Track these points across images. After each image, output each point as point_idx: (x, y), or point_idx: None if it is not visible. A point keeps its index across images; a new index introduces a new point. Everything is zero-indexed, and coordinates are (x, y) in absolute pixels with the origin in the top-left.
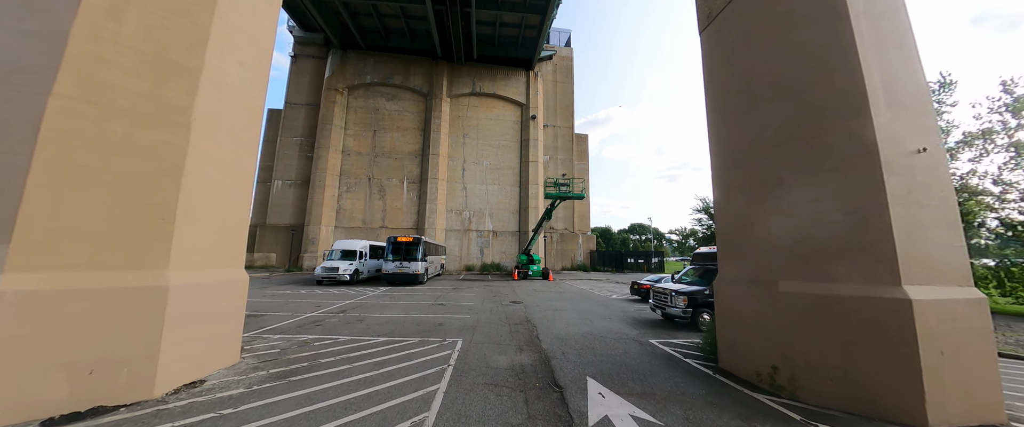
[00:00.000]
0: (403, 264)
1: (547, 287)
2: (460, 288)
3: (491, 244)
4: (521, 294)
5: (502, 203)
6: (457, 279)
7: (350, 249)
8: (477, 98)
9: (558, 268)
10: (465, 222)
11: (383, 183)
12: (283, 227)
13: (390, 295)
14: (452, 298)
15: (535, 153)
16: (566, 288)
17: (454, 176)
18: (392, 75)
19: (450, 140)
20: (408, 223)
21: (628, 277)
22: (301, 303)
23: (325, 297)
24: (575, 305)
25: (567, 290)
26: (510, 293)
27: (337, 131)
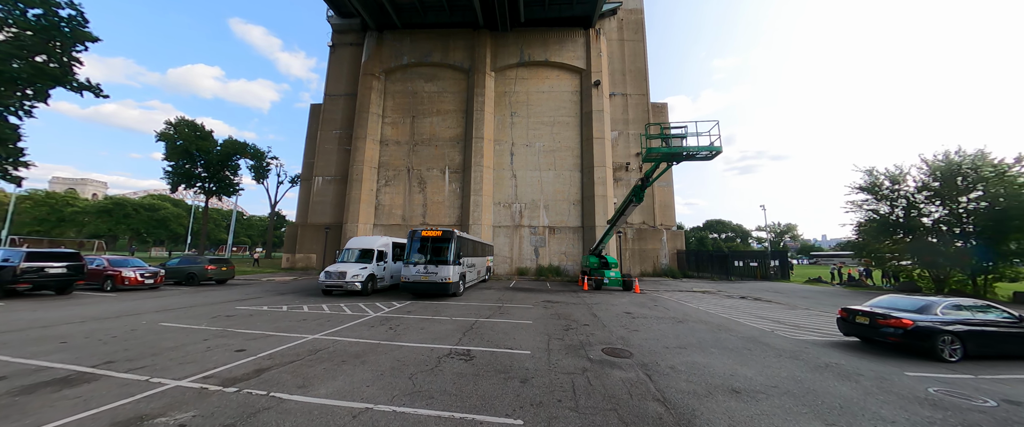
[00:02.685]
0: (429, 269)
1: (642, 307)
2: (509, 306)
3: (547, 242)
4: (613, 326)
5: (559, 192)
6: (506, 287)
7: (368, 248)
8: (526, 69)
9: (637, 273)
10: (515, 217)
11: (423, 174)
12: (324, 226)
13: (396, 322)
14: (491, 334)
15: (600, 128)
16: (674, 308)
17: (501, 162)
18: (430, 53)
19: (496, 121)
20: (451, 218)
21: (741, 287)
22: (223, 340)
23: (293, 321)
24: (753, 366)
25: (682, 314)
26: (591, 322)
27: (374, 119)
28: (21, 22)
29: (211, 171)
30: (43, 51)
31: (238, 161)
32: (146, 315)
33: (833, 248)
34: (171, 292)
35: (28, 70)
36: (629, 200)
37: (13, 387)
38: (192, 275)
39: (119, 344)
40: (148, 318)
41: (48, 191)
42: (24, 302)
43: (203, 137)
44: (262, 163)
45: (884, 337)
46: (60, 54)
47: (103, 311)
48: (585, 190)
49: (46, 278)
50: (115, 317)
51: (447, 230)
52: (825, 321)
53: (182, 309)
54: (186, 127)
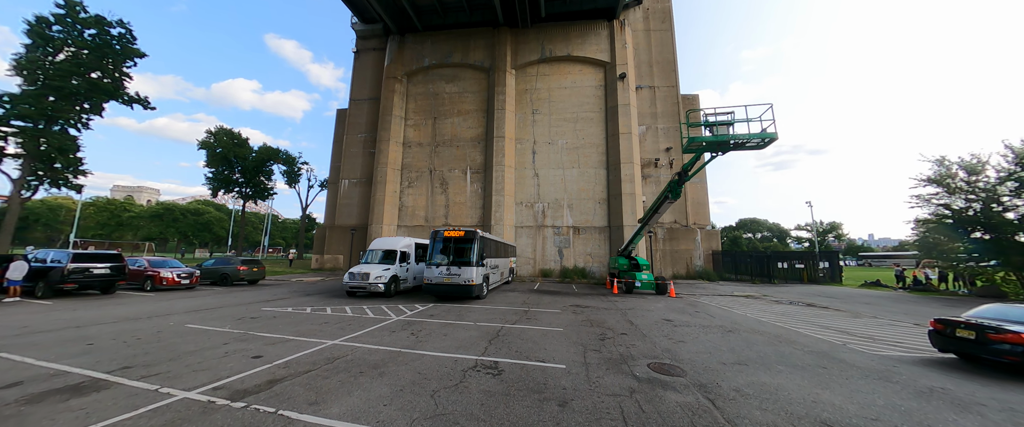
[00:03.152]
0: (452, 270)
1: (682, 313)
2: (535, 310)
3: (572, 243)
4: (655, 336)
5: (584, 191)
6: (530, 290)
7: (390, 249)
8: (547, 65)
9: (669, 275)
10: (538, 216)
11: (445, 175)
12: (350, 228)
13: (418, 327)
14: (519, 343)
15: (626, 123)
16: (719, 315)
17: (523, 161)
18: (450, 54)
19: (517, 119)
20: (473, 219)
21: (787, 291)
22: (243, 344)
23: (315, 325)
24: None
25: (730, 322)
26: (629, 331)
27: (397, 122)
28: (79, 42)
29: (247, 176)
30: (98, 68)
31: (272, 167)
32: (176, 316)
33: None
34: (205, 292)
35: (85, 86)
36: (664, 197)
37: (24, 394)
38: (225, 276)
39: (142, 347)
40: (177, 319)
41: (109, 198)
42: (70, 301)
43: (240, 144)
44: (294, 168)
45: (997, 356)
46: (112, 70)
47: (137, 311)
48: (611, 188)
49: (91, 278)
50: (147, 318)
51: (470, 230)
52: (903, 332)
53: (211, 310)
54: (224, 135)
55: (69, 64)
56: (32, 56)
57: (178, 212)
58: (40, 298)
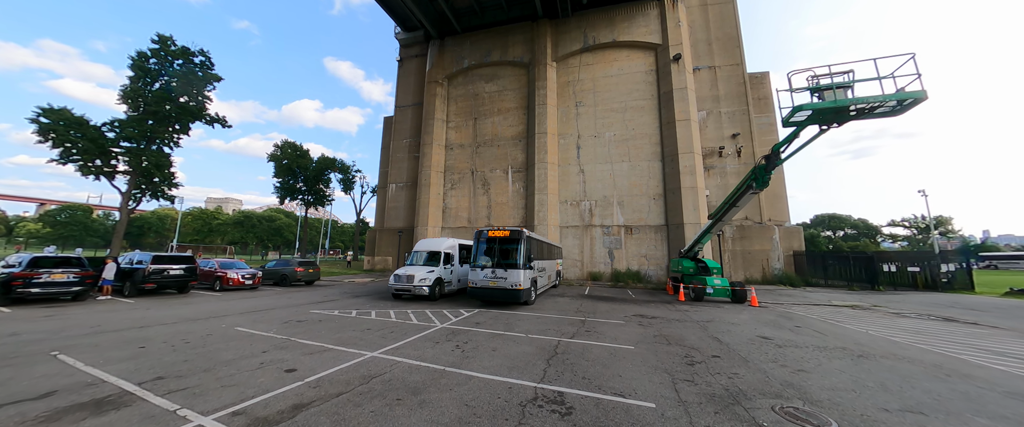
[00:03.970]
0: (497, 273)
1: (779, 328)
2: (594, 320)
3: (623, 244)
4: (759, 361)
5: (636, 186)
6: (580, 295)
7: (434, 250)
8: (591, 53)
9: (740, 279)
10: (584, 215)
11: (486, 175)
12: (397, 230)
13: (463, 337)
14: (584, 364)
15: (684, 108)
16: (832, 333)
17: (567, 157)
18: (489, 52)
19: (559, 113)
20: (515, 219)
21: (901, 299)
22: (281, 353)
23: (357, 332)
24: None
25: (852, 342)
26: (721, 352)
27: (439, 125)
28: (170, 71)
29: (308, 184)
30: (185, 93)
31: (329, 175)
32: (230, 317)
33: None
34: (265, 293)
35: (175, 109)
36: (745, 185)
37: (47, 410)
38: (284, 277)
39: (184, 353)
40: (230, 321)
41: (202, 208)
42: (149, 300)
43: (302, 155)
44: (348, 175)
45: None
46: (196, 94)
47: (199, 311)
48: (668, 182)
49: (167, 279)
50: (204, 319)
51: (515, 230)
52: None
53: (263, 311)
54: (289, 148)
55: (163, 91)
56: (135, 86)
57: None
58: (126, 296)
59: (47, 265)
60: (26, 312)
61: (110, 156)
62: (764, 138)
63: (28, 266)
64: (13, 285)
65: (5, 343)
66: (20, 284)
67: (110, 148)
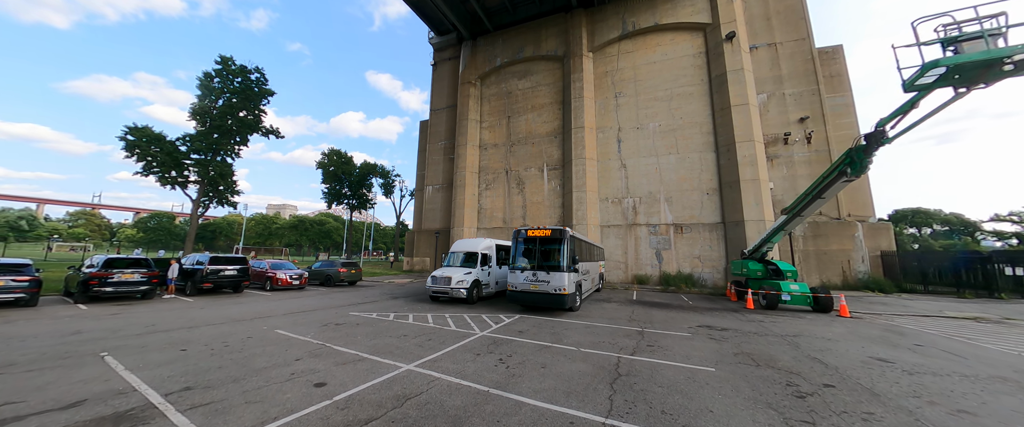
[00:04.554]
0: (539, 276)
1: (894, 347)
2: (653, 332)
3: (673, 244)
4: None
5: (685, 180)
6: (628, 300)
7: (471, 251)
8: (630, 41)
9: (815, 284)
10: (627, 213)
11: (521, 174)
12: (434, 231)
13: (506, 349)
14: (658, 391)
15: (740, 92)
16: (971, 354)
17: (607, 152)
18: (522, 48)
19: (597, 106)
20: (552, 219)
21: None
22: (314, 362)
23: (393, 339)
24: None
25: (1011, 369)
26: (834, 379)
27: (473, 126)
28: (231, 89)
29: (353, 189)
30: (244, 107)
31: (371, 180)
32: (274, 318)
33: None
34: (311, 293)
35: (236, 123)
36: (837, 173)
37: (66, 424)
38: (329, 277)
39: (219, 359)
40: (272, 323)
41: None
42: (206, 299)
43: (346, 162)
44: (388, 180)
45: None
46: (253, 108)
47: (246, 311)
48: (724, 175)
49: (223, 279)
50: (249, 320)
51: (558, 229)
52: None
53: (305, 312)
54: (335, 155)
55: (226, 107)
56: (202, 104)
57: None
58: (187, 295)
59: (119, 266)
60: (98, 310)
61: (183, 167)
62: (839, 121)
63: (103, 267)
64: (90, 284)
65: (67, 342)
66: (96, 283)
67: (183, 160)
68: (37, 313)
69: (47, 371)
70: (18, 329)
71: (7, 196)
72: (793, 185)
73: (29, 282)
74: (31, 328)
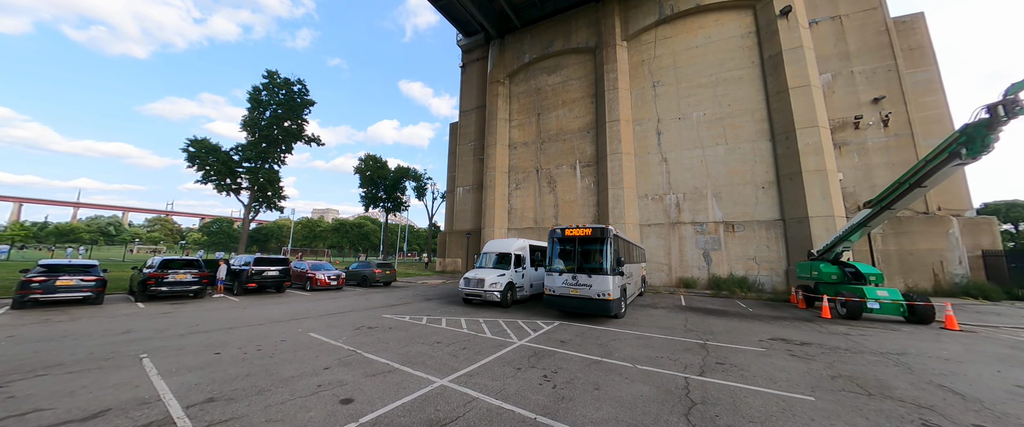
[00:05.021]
0: (579, 280)
1: None
2: (717, 345)
3: (723, 243)
4: None
5: (737, 173)
6: (677, 306)
7: (504, 252)
8: (668, 25)
9: (899, 288)
10: (670, 211)
11: (552, 173)
12: (465, 232)
13: (550, 362)
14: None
15: (800, 72)
16: None
17: (645, 145)
18: (551, 42)
19: (633, 97)
20: (586, 218)
21: None
22: (343, 373)
23: (426, 346)
24: None
25: None
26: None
27: (502, 125)
28: (277, 101)
29: (388, 193)
30: (288, 118)
31: (405, 183)
32: (309, 320)
33: None
34: (348, 293)
35: (282, 132)
36: (949, 154)
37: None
38: (365, 278)
39: (249, 365)
40: (307, 325)
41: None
42: (251, 299)
43: (381, 166)
44: (421, 183)
45: None
46: (296, 117)
47: (283, 312)
48: (782, 166)
49: (266, 279)
50: (285, 321)
51: (599, 227)
52: None
53: (340, 314)
54: (371, 160)
55: (272, 117)
56: (251, 116)
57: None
58: (235, 294)
59: (174, 267)
60: (153, 308)
61: (236, 175)
62: (923, 99)
63: (159, 267)
64: (148, 284)
65: (114, 342)
66: (153, 283)
67: (235, 168)
68: (100, 311)
69: (87, 373)
70: (78, 327)
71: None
72: (867, 176)
73: (95, 282)
74: (89, 326)
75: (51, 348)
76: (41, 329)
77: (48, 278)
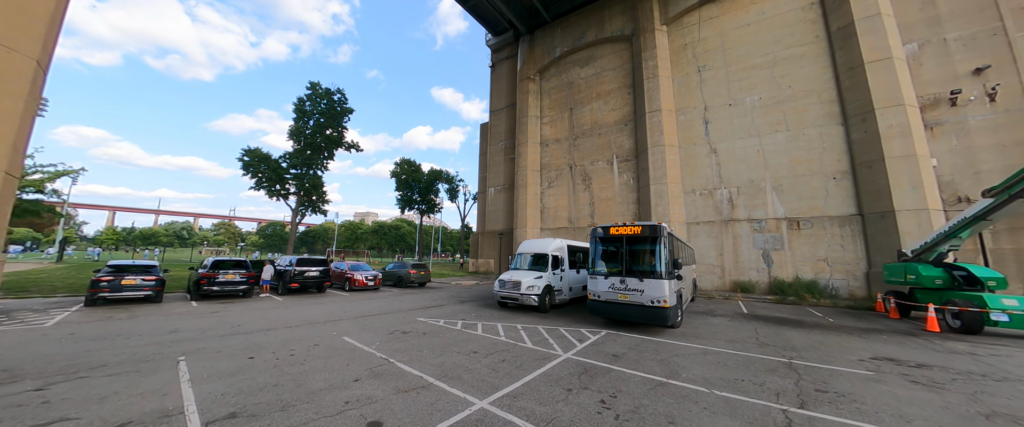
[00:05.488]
0: (628, 284)
1: None
2: (806, 365)
3: (786, 242)
4: None
5: (801, 162)
6: (738, 314)
7: (540, 253)
8: (714, 4)
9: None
10: (721, 207)
11: (586, 169)
12: (497, 233)
13: (604, 380)
14: None
15: (878, 44)
16: None
17: (691, 136)
18: (583, 34)
19: (676, 85)
20: (625, 216)
21: None
22: (373, 386)
23: (462, 356)
24: None
25: None
26: None
27: (533, 122)
28: (320, 110)
29: (422, 195)
30: (330, 126)
31: (438, 186)
32: (344, 322)
33: None
34: (384, 294)
35: (324, 140)
36: None
37: None
38: (400, 278)
39: (278, 374)
40: (342, 328)
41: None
42: (293, 299)
43: (415, 169)
44: (453, 185)
45: None
46: (337, 125)
47: (321, 313)
48: (858, 153)
49: (307, 279)
50: (321, 323)
51: (650, 225)
52: None
53: (375, 316)
54: (406, 164)
55: (316, 126)
56: (297, 126)
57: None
58: (279, 294)
59: (224, 267)
60: (203, 307)
61: (284, 181)
62: None
63: (211, 268)
64: (201, 284)
65: (159, 342)
66: (205, 283)
67: (284, 175)
68: (157, 309)
69: (124, 377)
70: (133, 325)
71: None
72: (970, 161)
73: (155, 281)
74: (143, 325)
75: (102, 347)
76: (100, 327)
77: (114, 278)
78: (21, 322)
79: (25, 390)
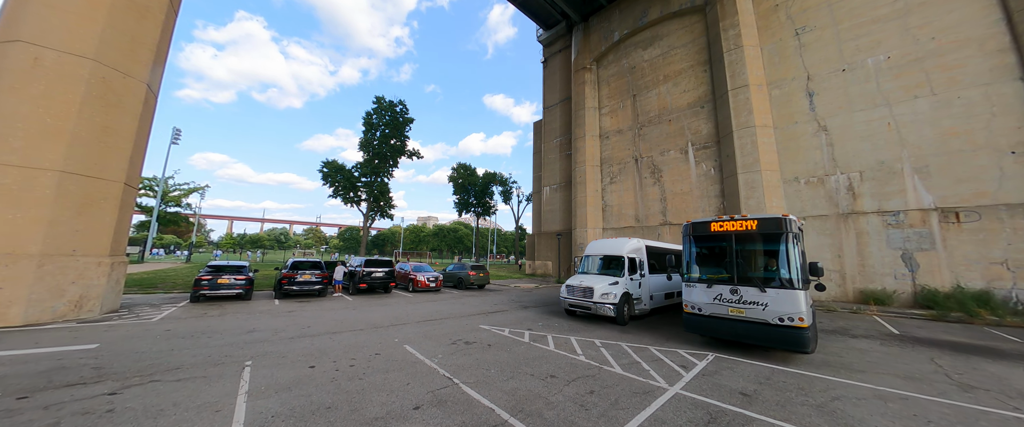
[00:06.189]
0: (743, 295)
1: None
2: None
3: (938, 240)
4: None
5: (957, 134)
6: (885, 334)
7: (614, 255)
8: None
9: None
10: (836, 197)
11: (655, 160)
12: (555, 233)
13: None
14: None
15: None
16: None
17: (790, 112)
18: (645, 11)
19: (766, 55)
20: (705, 211)
21: None
22: (434, 417)
23: (534, 381)
24: None
25: None
26: None
27: (590, 114)
28: (385, 122)
29: (478, 198)
30: (394, 136)
31: (493, 188)
32: (407, 326)
33: None
34: (445, 296)
35: (389, 150)
36: None
37: None
38: (460, 280)
39: (334, 392)
40: (404, 333)
41: (414, 224)
42: (362, 298)
43: (471, 173)
44: (507, 187)
45: None
46: (400, 135)
47: (384, 316)
48: None
49: (374, 280)
50: (385, 327)
51: (771, 218)
52: None
53: (437, 322)
54: (462, 169)
55: (382, 137)
56: (367, 137)
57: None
58: (350, 294)
59: (302, 268)
60: (282, 306)
61: (357, 189)
62: None
63: (290, 268)
64: (282, 283)
65: (233, 344)
66: (285, 283)
67: (356, 184)
68: (244, 307)
69: (191, 382)
70: (220, 323)
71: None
72: None
73: (245, 281)
74: (227, 323)
75: (185, 346)
76: (193, 324)
77: (212, 277)
78: (136, 316)
79: (100, 394)
